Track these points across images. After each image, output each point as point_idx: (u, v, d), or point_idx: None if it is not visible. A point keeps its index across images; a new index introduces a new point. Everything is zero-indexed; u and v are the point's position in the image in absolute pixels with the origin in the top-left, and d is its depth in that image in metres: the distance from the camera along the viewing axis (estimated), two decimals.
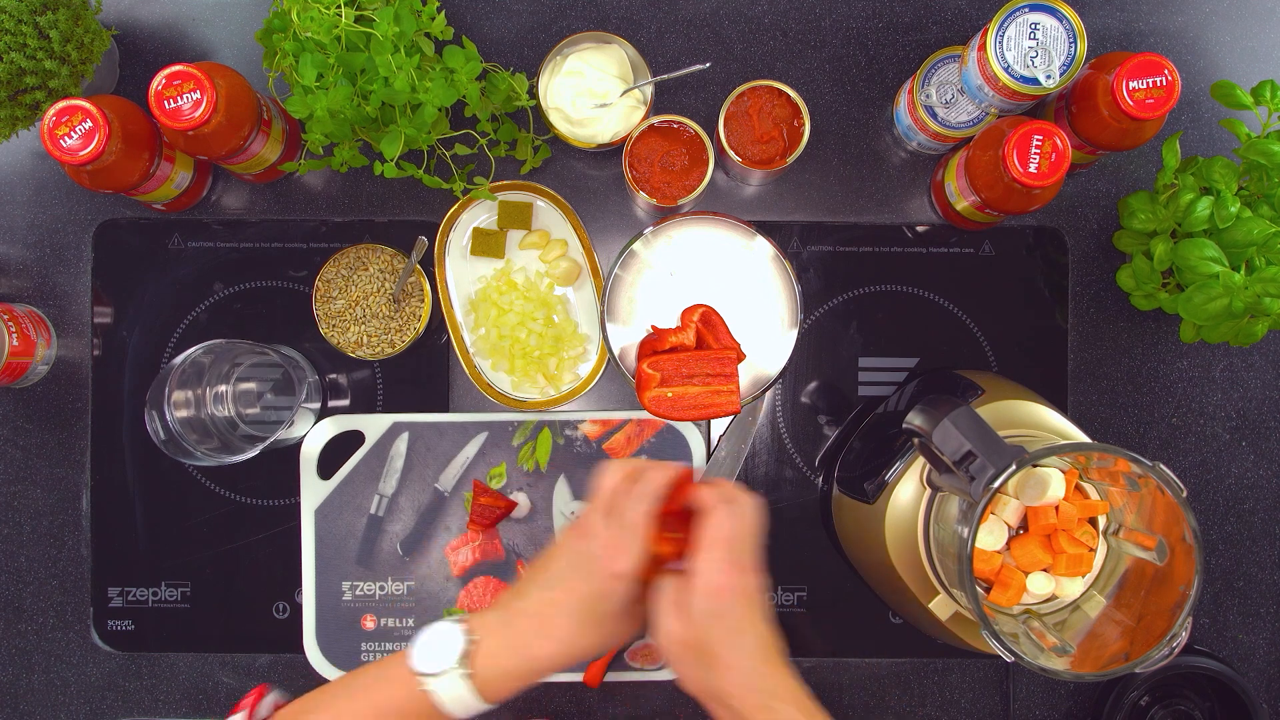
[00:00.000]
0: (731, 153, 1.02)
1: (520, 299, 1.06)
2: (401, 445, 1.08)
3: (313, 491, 1.07)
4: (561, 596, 0.71)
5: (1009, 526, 0.87)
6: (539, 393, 1.08)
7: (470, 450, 1.08)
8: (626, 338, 0.95)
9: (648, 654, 1.07)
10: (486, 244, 1.08)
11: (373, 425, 1.08)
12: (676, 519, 0.74)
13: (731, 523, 0.72)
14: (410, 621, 1.07)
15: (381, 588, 1.07)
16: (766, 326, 0.95)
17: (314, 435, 1.07)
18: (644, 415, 1.08)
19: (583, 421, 1.08)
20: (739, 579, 0.71)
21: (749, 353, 0.94)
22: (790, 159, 1.01)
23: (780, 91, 1.02)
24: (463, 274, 1.09)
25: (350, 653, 1.07)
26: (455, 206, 1.07)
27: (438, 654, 0.70)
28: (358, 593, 1.07)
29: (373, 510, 1.08)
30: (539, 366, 1.07)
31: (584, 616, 0.71)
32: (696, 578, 0.70)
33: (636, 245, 0.95)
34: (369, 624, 1.07)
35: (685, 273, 0.95)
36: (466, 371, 1.08)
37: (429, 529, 1.08)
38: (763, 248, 0.95)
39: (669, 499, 0.73)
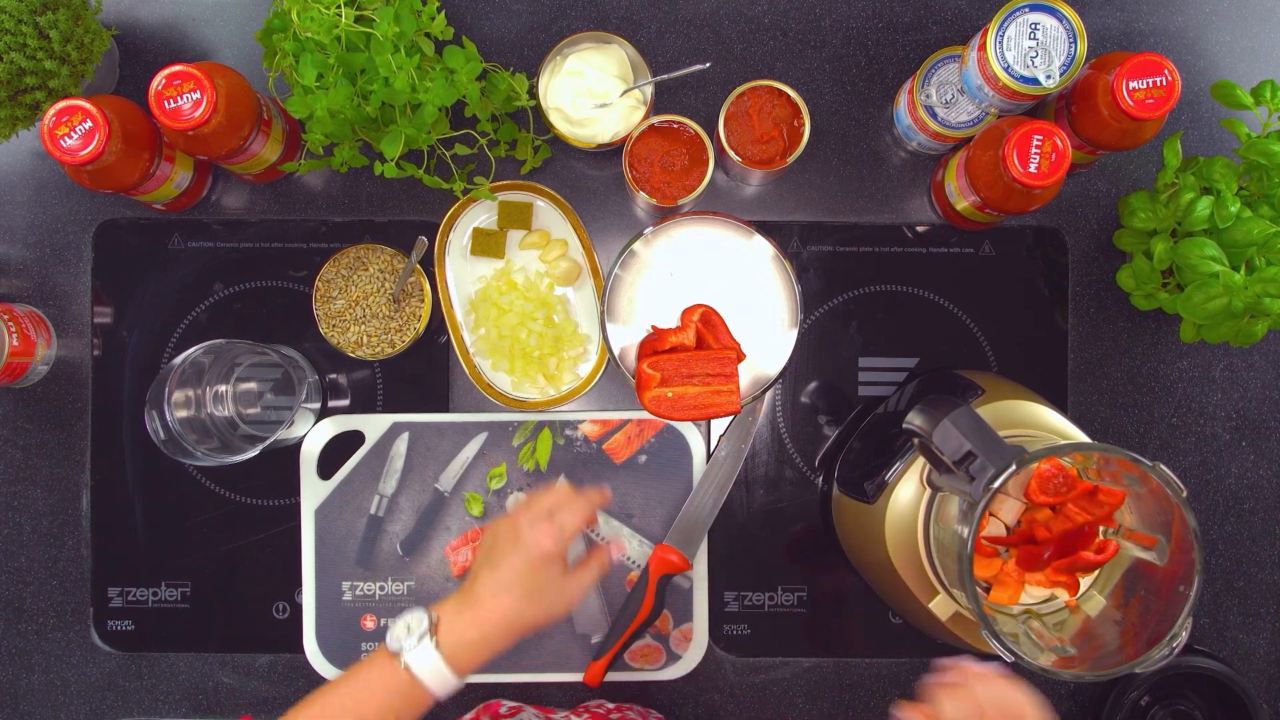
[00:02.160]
0: (731, 153, 1.02)
1: (520, 299, 1.06)
2: (401, 445, 1.08)
3: (313, 491, 1.07)
4: (505, 574, 0.83)
5: (1007, 527, 0.87)
6: (539, 393, 1.08)
7: (470, 450, 1.08)
8: (626, 338, 0.95)
9: (647, 654, 1.07)
10: (486, 244, 1.08)
11: (373, 425, 1.08)
12: None
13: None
14: None
15: (381, 588, 1.07)
16: (766, 327, 0.95)
17: (314, 435, 1.07)
18: (644, 415, 1.08)
19: (583, 421, 1.08)
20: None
21: (749, 353, 0.94)
22: (790, 159, 1.01)
23: (780, 91, 1.02)
24: (463, 274, 1.09)
25: (350, 652, 1.07)
26: (455, 206, 1.07)
27: (409, 634, 0.81)
28: (358, 593, 1.07)
29: (373, 510, 1.08)
30: (539, 366, 1.07)
31: (524, 590, 0.83)
32: None
33: (636, 245, 0.95)
34: (369, 624, 1.07)
35: (685, 273, 0.95)
36: (466, 371, 1.08)
37: (429, 529, 1.08)
38: (763, 248, 0.95)
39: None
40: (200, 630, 1.08)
